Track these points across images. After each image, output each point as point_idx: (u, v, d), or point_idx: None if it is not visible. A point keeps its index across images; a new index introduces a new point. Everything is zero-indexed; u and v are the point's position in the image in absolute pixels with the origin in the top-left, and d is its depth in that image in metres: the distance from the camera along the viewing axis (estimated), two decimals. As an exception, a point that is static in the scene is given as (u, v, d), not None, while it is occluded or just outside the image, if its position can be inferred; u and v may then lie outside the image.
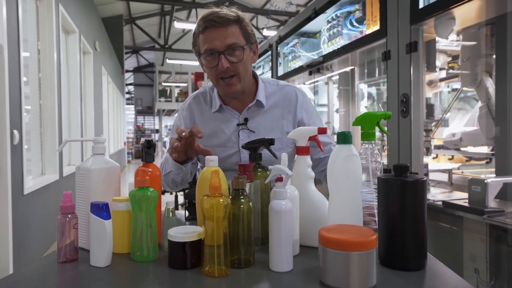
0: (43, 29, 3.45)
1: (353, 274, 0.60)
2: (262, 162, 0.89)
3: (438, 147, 2.98)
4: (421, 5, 1.85)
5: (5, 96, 2.38)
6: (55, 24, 3.57)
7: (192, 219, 1.08)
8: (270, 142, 0.87)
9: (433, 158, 2.98)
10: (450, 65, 2.79)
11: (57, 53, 3.62)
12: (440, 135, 2.91)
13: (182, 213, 1.20)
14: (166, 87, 16.38)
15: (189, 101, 1.26)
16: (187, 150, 0.98)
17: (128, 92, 21.47)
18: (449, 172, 2.49)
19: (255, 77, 1.21)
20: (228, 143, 1.15)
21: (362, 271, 0.60)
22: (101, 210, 0.70)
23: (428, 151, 2.63)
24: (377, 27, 2.23)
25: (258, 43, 1.18)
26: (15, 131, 2.53)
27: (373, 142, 0.82)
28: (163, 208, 0.85)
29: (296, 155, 0.84)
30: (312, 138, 0.82)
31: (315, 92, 4.61)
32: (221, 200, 0.66)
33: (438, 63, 2.75)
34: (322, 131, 0.82)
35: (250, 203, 0.71)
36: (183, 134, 0.90)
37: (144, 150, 0.81)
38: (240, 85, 1.10)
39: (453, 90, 3.01)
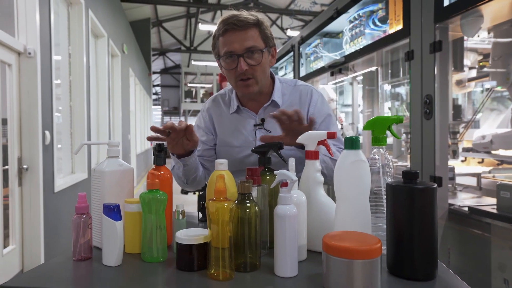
0: (74, 34, 3.61)
1: (357, 283, 0.59)
2: (274, 165, 0.89)
3: (467, 150, 2.86)
4: (445, 3, 1.78)
5: (37, 99, 2.51)
6: (85, 29, 3.72)
7: (205, 220, 1.10)
8: (279, 146, 0.87)
9: (462, 161, 2.86)
10: (480, 63, 2.67)
11: (87, 56, 3.78)
12: (471, 137, 2.79)
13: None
14: (192, 88, 16.67)
15: (208, 103, 1.29)
16: (183, 143, 0.99)
17: (155, 93, 22.04)
18: (478, 176, 2.39)
19: (272, 77, 1.22)
20: (245, 143, 1.16)
21: (365, 279, 0.59)
22: (112, 211, 0.73)
23: (455, 154, 2.53)
24: (400, 27, 2.17)
25: (276, 45, 1.19)
26: (47, 132, 2.66)
27: (384, 147, 0.81)
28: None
29: (305, 160, 0.83)
30: (321, 143, 0.82)
31: (340, 93, 4.54)
32: (225, 204, 0.67)
33: (468, 62, 2.64)
34: (331, 135, 0.81)
35: (256, 208, 0.71)
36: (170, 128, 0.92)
37: (155, 153, 0.84)
38: (257, 86, 1.12)
39: (487, 90, 2.88)
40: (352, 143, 0.73)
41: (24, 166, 2.45)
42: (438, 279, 0.67)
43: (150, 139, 0.94)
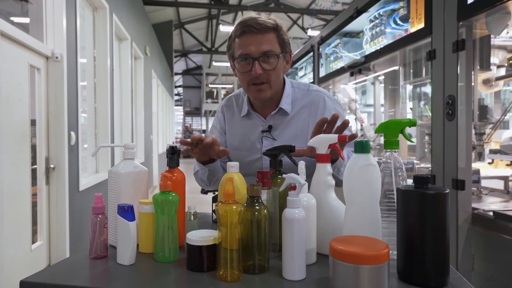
0: (99, 38, 3.73)
1: (363, 288, 0.58)
2: (285, 169, 0.89)
3: (494, 152, 2.75)
4: (469, 0, 1.72)
5: (63, 101, 2.62)
6: (109, 32, 3.84)
7: (218, 221, 1.11)
8: (290, 149, 0.87)
9: (489, 163, 2.76)
10: (510, 62, 2.57)
11: (111, 59, 3.90)
12: (500, 139, 2.69)
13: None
14: (213, 89, 16.85)
15: (222, 104, 1.30)
16: (209, 152, 1.01)
17: (177, 94, 22.41)
18: (505, 179, 2.29)
19: (284, 82, 1.21)
20: (252, 148, 1.17)
21: (372, 285, 0.58)
22: (126, 212, 0.75)
23: (480, 156, 2.44)
24: (422, 25, 2.12)
25: (292, 51, 1.18)
26: (72, 133, 2.77)
27: (397, 151, 0.79)
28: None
29: (316, 163, 0.83)
30: (332, 146, 0.81)
31: (363, 92, 4.47)
32: (234, 207, 0.68)
33: (496, 60, 2.55)
34: (342, 139, 0.80)
35: (265, 210, 0.72)
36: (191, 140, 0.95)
37: (169, 156, 0.86)
38: (270, 92, 1.11)
39: (518, 89, 2.77)
40: (362, 147, 0.72)
41: (51, 166, 2.56)
42: (450, 286, 0.65)
43: (183, 151, 0.98)
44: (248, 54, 1.06)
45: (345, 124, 0.89)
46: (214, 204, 1.12)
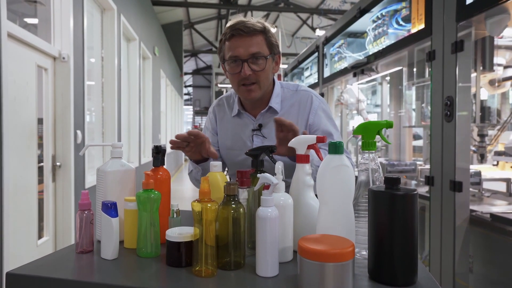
0: (106, 38, 3.81)
1: (328, 286, 0.60)
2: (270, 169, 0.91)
3: (499, 154, 2.72)
4: (468, 1, 1.71)
5: (70, 101, 2.69)
6: (117, 33, 3.91)
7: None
8: (271, 149, 0.89)
9: (493, 165, 2.72)
10: (518, 62, 2.53)
11: (118, 59, 3.97)
12: (507, 140, 2.65)
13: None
14: (222, 89, 16.92)
15: (214, 105, 1.33)
16: (200, 150, 1.04)
17: (187, 94, 22.59)
18: (508, 181, 2.27)
19: (274, 83, 1.23)
20: (243, 147, 1.19)
21: (337, 282, 0.60)
22: (109, 209, 0.79)
23: (482, 158, 2.42)
24: (422, 26, 2.10)
25: (281, 53, 1.21)
26: (78, 131, 2.84)
27: (373, 152, 0.80)
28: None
29: (296, 163, 0.85)
30: (311, 147, 0.83)
31: (373, 93, 4.44)
32: (209, 205, 0.70)
33: (503, 60, 2.52)
34: (320, 140, 0.82)
35: (241, 209, 0.74)
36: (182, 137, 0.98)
37: (153, 155, 0.89)
38: (259, 92, 1.14)
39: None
40: (335, 148, 0.74)
41: (58, 163, 2.63)
42: (418, 285, 0.66)
43: (173, 148, 1.01)
44: (237, 56, 1.10)
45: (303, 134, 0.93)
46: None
